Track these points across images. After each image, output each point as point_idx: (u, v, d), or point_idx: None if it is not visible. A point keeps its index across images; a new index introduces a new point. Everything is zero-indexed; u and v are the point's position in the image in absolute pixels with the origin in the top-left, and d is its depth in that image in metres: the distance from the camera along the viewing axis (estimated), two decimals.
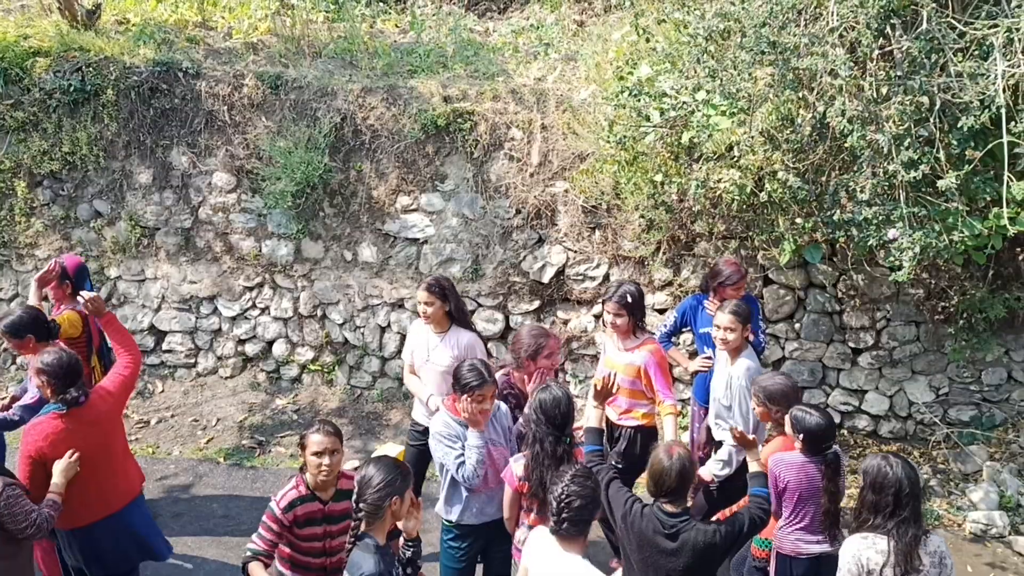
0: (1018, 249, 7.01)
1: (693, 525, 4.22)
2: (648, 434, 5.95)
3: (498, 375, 5.51)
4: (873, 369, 7.47)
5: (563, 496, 4.01)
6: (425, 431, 5.58)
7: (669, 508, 4.24)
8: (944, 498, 6.95)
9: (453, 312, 5.87)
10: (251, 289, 8.54)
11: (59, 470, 4.78)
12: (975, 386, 7.44)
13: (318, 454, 4.52)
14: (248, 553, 4.49)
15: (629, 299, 5.84)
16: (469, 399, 4.83)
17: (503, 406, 5.25)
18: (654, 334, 6.33)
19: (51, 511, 4.66)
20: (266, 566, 4.50)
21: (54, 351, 5.03)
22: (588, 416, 5.02)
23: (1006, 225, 5.40)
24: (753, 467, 4.71)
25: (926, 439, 7.45)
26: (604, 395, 4.92)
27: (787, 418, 4.89)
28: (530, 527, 4.71)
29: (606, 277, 7.81)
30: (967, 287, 7.00)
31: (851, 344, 7.49)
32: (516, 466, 4.83)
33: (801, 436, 4.76)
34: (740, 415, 5.63)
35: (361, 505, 3.92)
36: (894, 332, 7.40)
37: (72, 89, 8.16)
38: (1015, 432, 7.26)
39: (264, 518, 4.52)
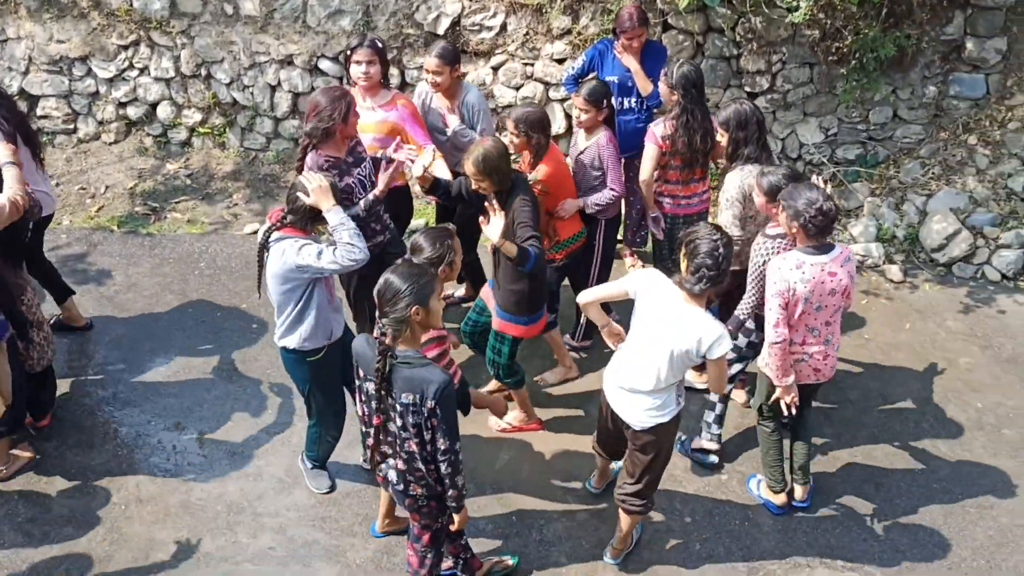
0: None
1: None
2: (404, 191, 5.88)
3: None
4: (767, 112, 7.60)
5: (714, 255, 3.93)
6: None
7: None
8: None
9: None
10: (126, 48, 7.99)
11: None
12: (862, 125, 7.68)
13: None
14: None
15: (380, 44, 5.56)
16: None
17: None
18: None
19: None
20: None
21: None
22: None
23: None
24: None
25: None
26: None
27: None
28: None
29: (503, 27, 7.56)
30: (861, 26, 7.04)
31: (747, 88, 7.55)
32: (659, 127, 5.46)
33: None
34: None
35: (384, 322, 3.58)
36: (789, 75, 7.48)
37: None
38: (896, 168, 7.61)
39: None
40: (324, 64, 7.79)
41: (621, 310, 5.30)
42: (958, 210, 7.02)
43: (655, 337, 4.10)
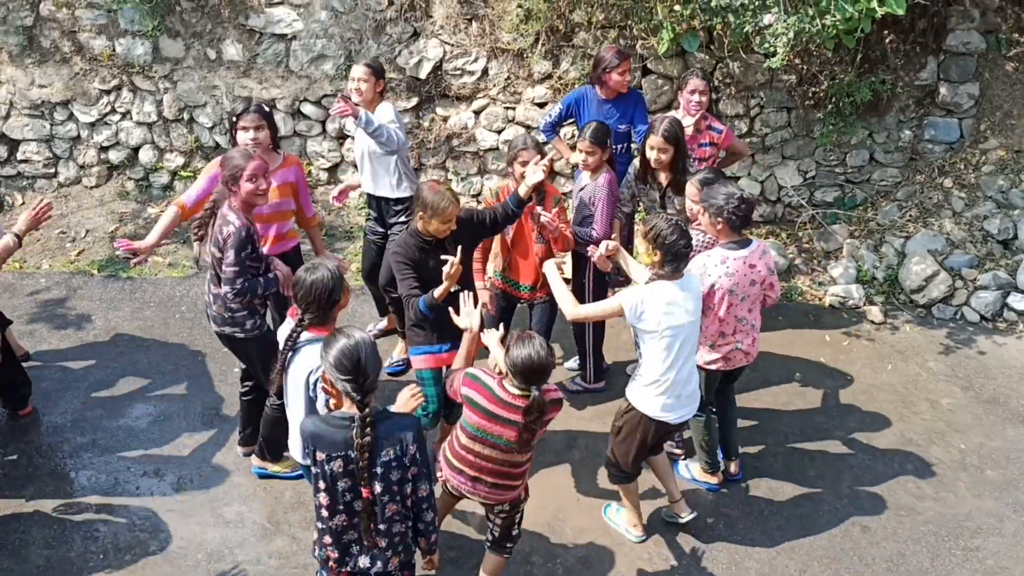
0: (886, 32, 7.17)
1: None
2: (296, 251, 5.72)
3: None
4: (746, 156, 7.69)
5: (680, 231, 4.34)
6: None
7: None
8: (807, 275, 7.39)
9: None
10: (108, 92, 8.01)
11: None
12: (840, 168, 7.80)
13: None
14: None
15: (267, 108, 5.34)
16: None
17: None
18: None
19: None
20: None
21: None
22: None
23: (875, 7, 5.49)
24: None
25: (793, 221, 7.84)
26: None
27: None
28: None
29: (485, 71, 7.64)
30: (837, 72, 7.18)
31: None
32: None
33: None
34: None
35: (368, 394, 3.38)
36: (767, 119, 7.59)
37: None
38: (873, 210, 7.70)
39: None
40: (307, 108, 7.83)
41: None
42: (936, 252, 7.10)
43: (688, 325, 4.44)
